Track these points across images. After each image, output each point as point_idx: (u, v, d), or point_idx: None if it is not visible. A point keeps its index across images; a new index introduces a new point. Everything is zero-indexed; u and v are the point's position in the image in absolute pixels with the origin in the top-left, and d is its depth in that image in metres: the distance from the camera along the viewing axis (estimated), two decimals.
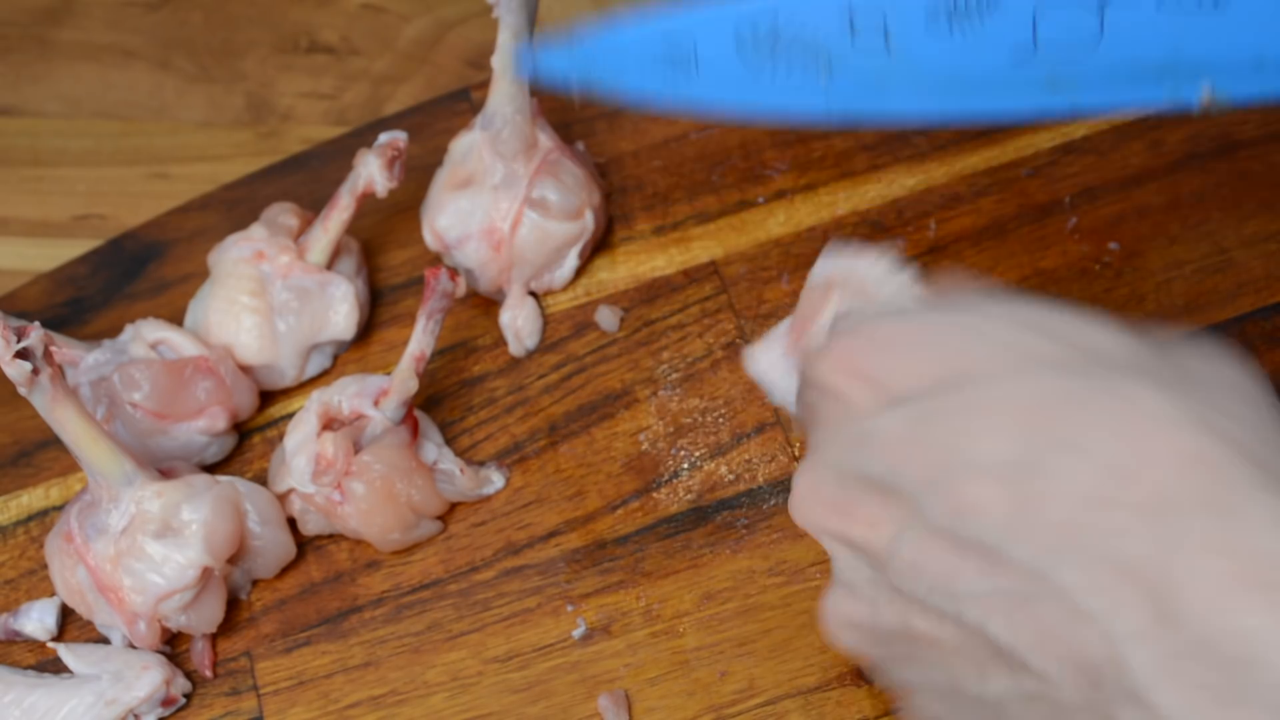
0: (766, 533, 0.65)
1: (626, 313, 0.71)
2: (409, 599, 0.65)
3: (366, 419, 0.65)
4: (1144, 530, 0.39)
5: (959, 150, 0.74)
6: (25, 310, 0.75)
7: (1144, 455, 0.40)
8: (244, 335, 0.69)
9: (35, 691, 0.62)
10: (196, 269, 0.74)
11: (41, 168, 0.83)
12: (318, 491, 0.64)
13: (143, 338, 0.68)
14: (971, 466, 0.42)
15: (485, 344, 0.72)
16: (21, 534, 0.69)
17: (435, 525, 0.66)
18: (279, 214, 0.71)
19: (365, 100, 0.84)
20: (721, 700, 0.61)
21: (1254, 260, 0.69)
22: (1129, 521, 0.40)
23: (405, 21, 0.87)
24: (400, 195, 0.73)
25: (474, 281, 0.71)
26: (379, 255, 0.75)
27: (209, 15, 0.88)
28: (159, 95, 0.85)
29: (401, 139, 0.69)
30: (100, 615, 0.63)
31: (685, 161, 0.76)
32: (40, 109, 0.86)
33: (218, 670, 0.64)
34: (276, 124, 0.84)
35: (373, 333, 0.73)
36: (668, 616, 0.63)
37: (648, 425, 0.68)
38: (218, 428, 0.67)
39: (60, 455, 0.70)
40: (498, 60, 0.69)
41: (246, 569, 0.65)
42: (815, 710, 0.60)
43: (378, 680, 0.63)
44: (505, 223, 0.69)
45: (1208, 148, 0.73)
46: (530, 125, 0.70)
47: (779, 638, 0.62)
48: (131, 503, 0.62)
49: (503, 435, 0.69)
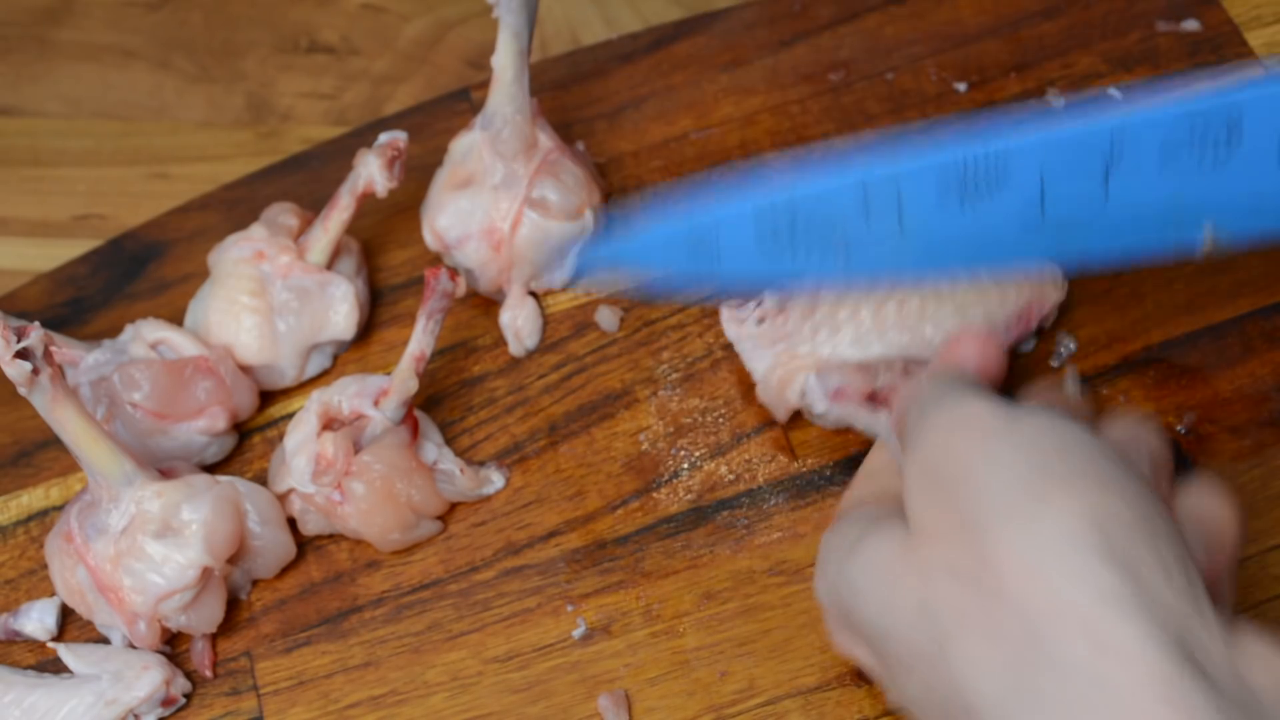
0: (766, 533, 0.65)
1: (626, 313, 0.71)
2: (409, 599, 0.65)
3: (366, 419, 0.65)
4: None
5: None
6: (25, 310, 0.75)
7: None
8: (244, 335, 0.69)
9: (35, 691, 0.62)
10: (196, 269, 0.74)
11: (41, 168, 0.83)
12: (318, 491, 0.64)
13: (143, 338, 0.68)
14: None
15: (485, 344, 0.72)
16: (21, 534, 0.69)
17: (435, 525, 0.66)
18: (279, 214, 0.71)
19: (365, 100, 0.84)
20: (721, 700, 0.61)
21: (1254, 260, 0.68)
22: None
23: (405, 21, 0.87)
24: (400, 195, 0.73)
25: (474, 281, 0.71)
26: (379, 255, 0.75)
27: (209, 15, 0.88)
28: (159, 95, 0.85)
29: (401, 139, 0.69)
30: (100, 615, 0.63)
31: (685, 161, 0.76)
32: (40, 109, 0.86)
33: (218, 670, 0.64)
34: (276, 124, 0.84)
35: (373, 333, 0.73)
36: (668, 616, 0.63)
37: (648, 425, 0.68)
38: (218, 428, 0.67)
39: (60, 455, 0.70)
40: (498, 60, 0.69)
41: (246, 569, 0.65)
42: (815, 710, 0.60)
43: (378, 680, 0.63)
44: (505, 223, 0.69)
45: None
46: (530, 125, 0.70)
47: (779, 638, 0.62)
48: (131, 503, 0.62)
49: (503, 435, 0.69)
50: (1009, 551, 0.43)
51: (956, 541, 0.45)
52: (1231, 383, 0.66)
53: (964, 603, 0.44)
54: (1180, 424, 0.65)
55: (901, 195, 0.52)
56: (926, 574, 0.45)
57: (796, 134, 0.76)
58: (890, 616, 0.46)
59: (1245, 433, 0.65)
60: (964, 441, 0.46)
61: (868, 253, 0.54)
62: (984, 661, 0.43)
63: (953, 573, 0.44)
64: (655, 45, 0.80)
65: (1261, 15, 0.76)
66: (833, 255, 0.54)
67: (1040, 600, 0.42)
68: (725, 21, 0.80)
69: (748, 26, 0.80)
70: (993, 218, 0.52)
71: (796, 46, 0.79)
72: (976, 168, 0.51)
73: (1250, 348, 0.67)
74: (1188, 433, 0.65)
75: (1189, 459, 0.64)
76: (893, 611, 0.46)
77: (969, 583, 0.44)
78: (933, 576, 0.45)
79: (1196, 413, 0.65)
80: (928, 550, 0.46)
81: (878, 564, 0.47)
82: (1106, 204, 0.52)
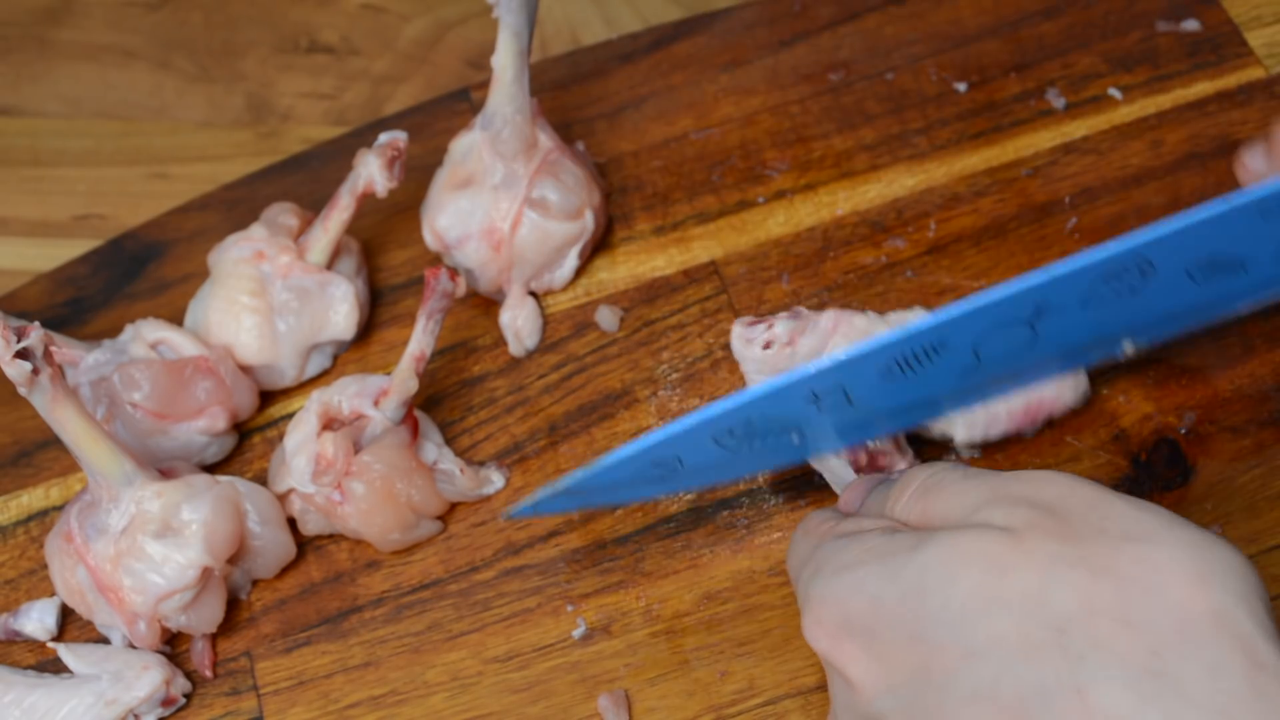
0: (766, 533, 0.65)
1: (626, 313, 0.71)
2: (409, 599, 0.65)
3: (366, 419, 0.65)
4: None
5: (959, 150, 0.74)
6: (25, 310, 0.75)
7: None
8: (244, 335, 0.69)
9: (35, 691, 0.62)
10: (196, 269, 0.74)
11: (41, 168, 0.83)
12: (318, 491, 0.64)
13: (143, 338, 0.68)
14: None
15: (485, 344, 0.72)
16: (21, 534, 0.69)
17: (435, 525, 0.66)
18: (279, 214, 0.71)
19: (365, 100, 0.84)
20: (721, 700, 0.61)
21: None
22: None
23: (405, 21, 0.87)
24: (400, 195, 0.73)
25: (474, 281, 0.71)
26: (379, 255, 0.75)
27: (209, 15, 0.88)
28: (159, 95, 0.85)
29: (401, 139, 0.69)
30: (100, 615, 0.63)
31: (685, 161, 0.76)
32: (40, 109, 0.86)
33: (218, 670, 0.64)
34: (276, 124, 0.84)
35: (373, 333, 0.73)
36: (668, 616, 0.63)
37: (648, 425, 0.68)
38: (218, 428, 0.67)
39: (60, 455, 0.70)
40: (498, 60, 0.69)
41: (246, 569, 0.65)
42: (815, 710, 0.60)
43: (378, 680, 0.63)
44: (505, 223, 0.69)
45: (1208, 148, 0.73)
46: (530, 125, 0.70)
47: (779, 638, 0.62)
48: (131, 503, 0.62)
49: (503, 435, 0.69)
50: (1171, 559, 0.45)
51: (1084, 542, 0.46)
52: (1231, 383, 0.66)
53: (1096, 592, 0.45)
54: (1180, 424, 0.65)
55: (846, 383, 0.56)
56: (1045, 564, 0.46)
57: (796, 134, 0.76)
58: (986, 603, 0.46)
59: (1245, 433, 0.65)
60: (1082, 481, 0.48)
61: (820, 430, 0.58)
62: (1118, 645, 0.44)
63: (1082, 565, 0.45)
64: (655, 45, 0.80)
65: (1261, 15, 0.76)
66: (787, 440, 0.58)
67: (1202, 607, 0.44)
68: (725, 21, 0.80)
69: (748, 26, 0.80)
70: (933, 377, 0.56)
71: (796, 46, 0.79)
72: (913, 346, 0.55)
73: (1250, 348, 0.67)
74: (1188, 433, 0.65)
75: (1189, 459, 0.64)
76: (994, 598, 0.46)
77: (1103, 574, 0.45)
78: (1054, 567, 0.45)
79: (1196, 413, 0.65)
80: (1041, 544, 0.46)
81: (976, 553, 0.47)
82: (1035, 345, 0.56)
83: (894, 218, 0.72)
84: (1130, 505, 0.47)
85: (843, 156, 0.75)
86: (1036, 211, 0.72)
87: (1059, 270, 0.53)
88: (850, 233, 0.72)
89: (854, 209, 0.73)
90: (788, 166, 0.75)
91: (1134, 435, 0.65)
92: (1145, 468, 0.64)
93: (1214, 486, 0.63)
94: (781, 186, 0.74)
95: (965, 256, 0.71)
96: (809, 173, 0.74)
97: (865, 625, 0.48)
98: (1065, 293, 0.54)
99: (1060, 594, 0.45)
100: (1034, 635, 0.45)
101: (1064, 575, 0.45)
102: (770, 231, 0.73)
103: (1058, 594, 0.45)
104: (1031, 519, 0.47)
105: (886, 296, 0.70)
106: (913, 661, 0.47)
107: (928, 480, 0.52)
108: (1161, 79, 0.75)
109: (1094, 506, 0.47)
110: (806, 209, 0.73)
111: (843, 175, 0.74)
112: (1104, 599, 0.44)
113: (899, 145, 0.74)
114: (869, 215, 0.73)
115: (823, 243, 0.72)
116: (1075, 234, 0.71)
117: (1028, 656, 0.45)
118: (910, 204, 0.73)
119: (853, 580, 0.49)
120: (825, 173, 0.74)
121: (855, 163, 0.74)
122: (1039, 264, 0.70)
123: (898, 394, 0.57)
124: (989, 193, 0.73)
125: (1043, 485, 0.48)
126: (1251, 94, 0.74)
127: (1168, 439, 0.65)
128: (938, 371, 0.56)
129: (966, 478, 0.50)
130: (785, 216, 0.73)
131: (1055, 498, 0.47)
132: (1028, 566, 0.46)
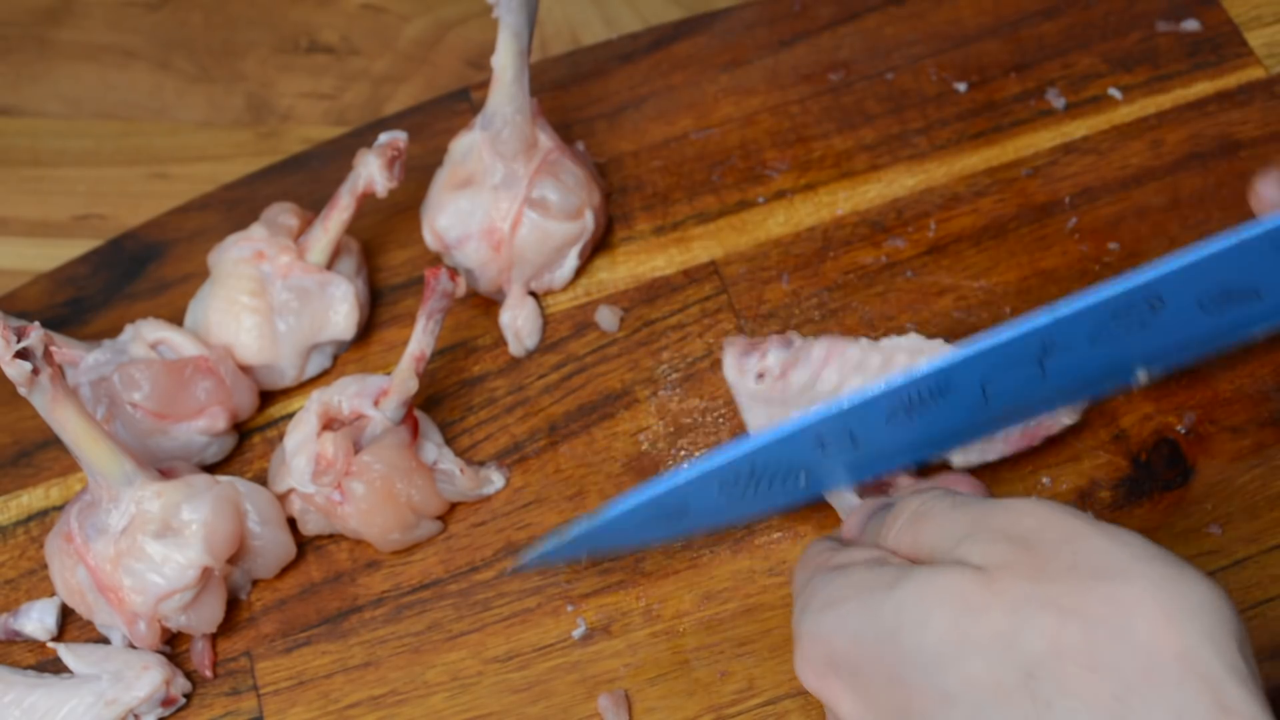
0: (766, 533, 0.65)
1: (626, 313, 0.71)
2: (409, 599, 0.65)
3: (366, 419, 0.65)
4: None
5: (959, 150, 0.74)
6: (25, 310, 0.75)
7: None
8: (244, 335, 0.69)
9: (35, 691, 0.62)
10: (196, 269, 0.74)
11: (41, 168, 0.83)
12: (318, 491, 0.64)
13: (143, 338, 0.68)
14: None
15: (485, 344, 0.72)
16: (21, 534, 0.69)
17: (435, 525, 0.66)
18: (279, 214, 0.71)
19: (365, 100, 0.84)
20: (721, 700, 0.61)
21: None
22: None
23: (405, 21, 0.87)
24: (400, 195, 0.73)
25: (474, 281, 0.71)
26: (379, 255, 0.75)
27: (209, 15, 0.88)
28: (159, 95, 0.85)
29: (401, 139, 0.69)
30: (100, 615, 0.63)
31: (685, 161, 0.76)
32: (40, 109, 0.86)
33: (218, 670, 0.64)
34: (276, 124, 0.84)
35: (373, 333, 0.73)
36: (668, 616, 0.63)
37: (648, 425, 0.68)
38: (218, 428, 0.67)
39: (60, 455, 0.70)
40: (498, 60, 0.69)
41: (246, 569, 0.65)
42: (815, 710, 0.60)
43: (378, 680, 0.63)
44: (505, 223, 0.69)
45: (1208, 148, 0.73)
46: (530, 125, 0.70)
47: (779, 638, 0.62)
48: (131, 503, 0.62)
49: (503, 435, 0.69)
50: (1140, 599, 0.44)
51: (1054, 581, 0.46)
52: (1231, 383, 0.66)
53: (1064, 634, 0.45)
54: (1180, 424, 0.65)
55: (853, 427, 0.56)
56: (1015, 606, 0.46)
57: (796, 134, 0.76)
58: (957, 645, 0.46)
59: (1245, 433, 0.65)
60: (1061, 512, 0.48)
61: (825, 473, 0.59)
62: (1084, 690, 0.44)
63: (1051, 606, 0.45)
64: (655, 45, 0.80)
65: (1261, 15, 0.76)
66: (793, 483, 0.58)
67: (1170, 648, 0.44)
68: (725, 21, 0.80)
69: (748, 26, 0.80)
70: (941, 417, 0.56)
71: (796, 46, 0.79)
72: (920, 389, 0.55)
73: (1250, 348, 0.66)
74: (1188, 433, 0.65)
75: (1189, 459, 0.64)
76: (964, 640, 0.46)
77: (1071, 616, 0.45)
78: (1023, 609, 0.45)
79: (1196, 413, 0.65)
80: (1013, 585, 0.46)
81: (948, 593, 0.47)
82: (1044, 381, 0.56)
83: (894, 218, 0.72)
84: (1105, 538, 0.47)
85: (843, 156, 0.75)
86: (1036, 211, 0.72)
87: (1066, 310, 0.53)
88: (850, 233, 0.72)
89: (854, 209, 0.73)
90: (788, 166, 0.75)
91: (1134, 435, 0.65)
92: (1145, 468, 0.64)
93: (1214, 486, 0.63)
94: (781, 186, 0.74)
95: (965, 256, 0.71)
96: (809, 173, 0.74)
97: (849, 664, 0.48)
98: (1073, 331, 0.54)
99: (1029, 637, 0.45)
100: (1004, 679, 0.45)
101: (1033, 617, 0.45)
102: (770, 231, 0.73)
103: (1027, 637, 0.45)
104: (1006, 556, 0.47)
105: (886, 296, 0.70)
106: (895, 701, 0.47)
107: (918, 509, 0.52)
108: (1161, 79, 0.75)
109: (1068, 540, 0.47)
110: (806, 209, 0.73)
111: (843, 175, 0.74)
112: (1071, 641, 0.44)
113: (899, 145, 0.74)
114: (869, 215, 0.73)
115: (823, 243, 0.72)
116: (1075, 234, 0.71)
117: (998, 701, 0.45)
118: (910, 204, 0.73)
119: (836, 618, 0.49)
120: (825, 173, 0.74)
121: (855, 163, 0.74)
122: (1039, 265, 0.70)
123: (904, 433, 0.57)
124: (989, 193, 0.73)
125: (1021, 516, 0.48)
126: (1251, 94, 0.74)
127: (1168, 439, 0.65)
128: (945, 411, 0.56)
129: (954, 507, 0.50)
130: (785, 216, 0.73)
131: (1031, 530, 0.47)
132: (998, 608, 0.46)
